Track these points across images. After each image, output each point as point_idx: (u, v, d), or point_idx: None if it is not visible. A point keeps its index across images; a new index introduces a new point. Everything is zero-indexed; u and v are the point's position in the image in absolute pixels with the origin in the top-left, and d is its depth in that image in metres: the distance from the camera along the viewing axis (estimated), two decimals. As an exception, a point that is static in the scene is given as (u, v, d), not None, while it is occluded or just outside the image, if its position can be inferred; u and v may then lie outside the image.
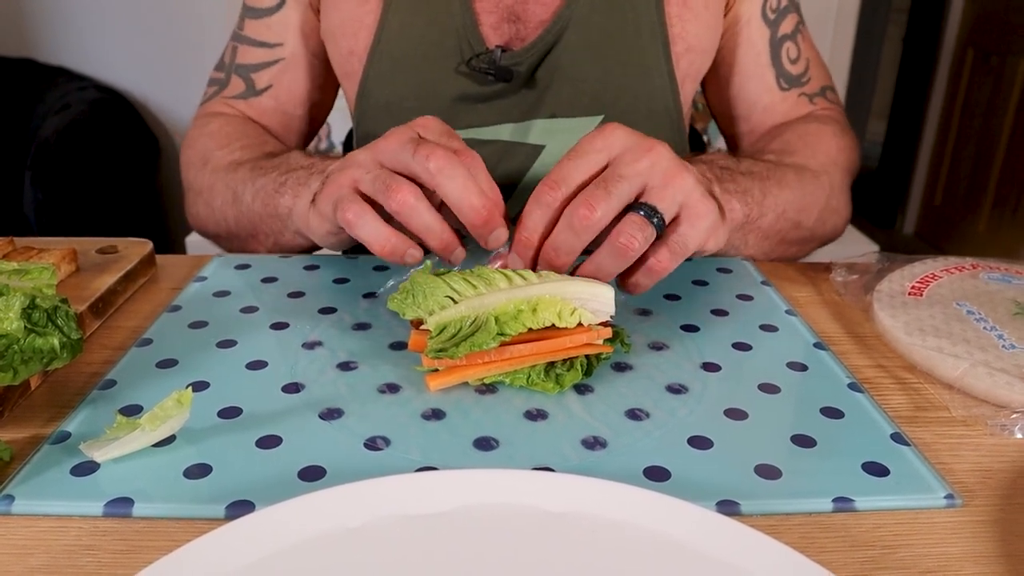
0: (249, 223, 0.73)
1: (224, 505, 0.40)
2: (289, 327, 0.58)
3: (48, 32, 2.32)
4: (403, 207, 0.53)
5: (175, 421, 0.44)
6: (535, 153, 0.79)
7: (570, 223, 0.51)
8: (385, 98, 0.79)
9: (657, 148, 0.53)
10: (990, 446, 0.46)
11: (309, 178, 0.66)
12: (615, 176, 0.52)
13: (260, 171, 0.72)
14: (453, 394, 0.50)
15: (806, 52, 0.84)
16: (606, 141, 0.53)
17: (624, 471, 0.43)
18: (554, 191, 0.53)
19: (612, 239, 0.51)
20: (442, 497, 0.38)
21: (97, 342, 0.57)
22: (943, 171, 3.10)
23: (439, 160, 0.53)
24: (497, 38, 0.76)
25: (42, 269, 0.52)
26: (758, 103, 0.84)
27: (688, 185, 0.53)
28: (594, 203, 0.51)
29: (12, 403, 0.48)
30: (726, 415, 0.48)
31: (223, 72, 0.86)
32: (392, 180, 0.54)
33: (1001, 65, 2.75)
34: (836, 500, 0.41)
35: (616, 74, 0.77)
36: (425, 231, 0.54)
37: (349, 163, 0.58)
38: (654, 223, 0.51)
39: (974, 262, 0.66)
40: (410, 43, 0.77)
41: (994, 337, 0.55)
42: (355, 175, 0.57)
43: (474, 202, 0.53)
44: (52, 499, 0.41)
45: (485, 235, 0.54)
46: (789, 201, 0.70)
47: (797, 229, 0.72)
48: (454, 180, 0.53)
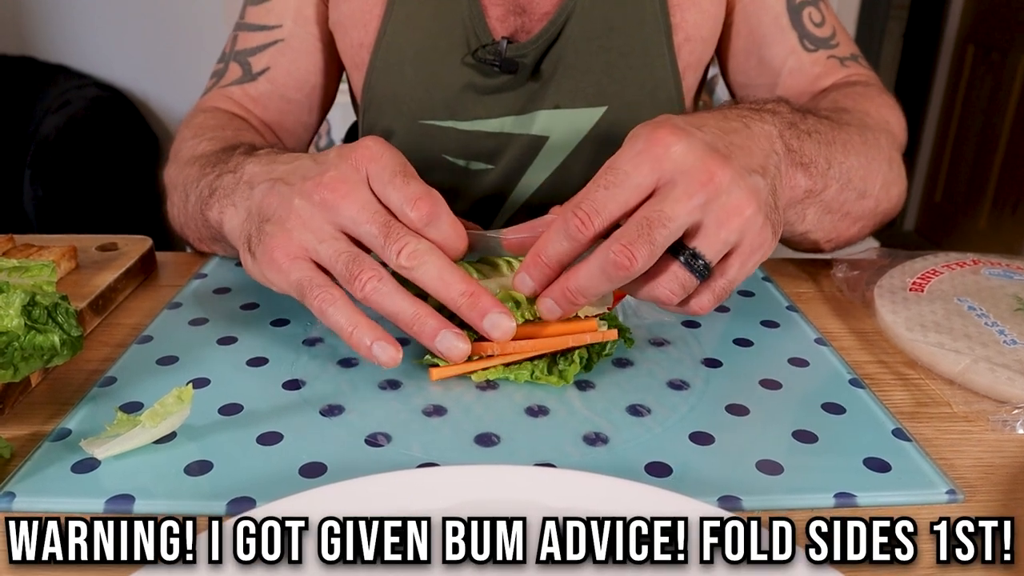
0: (195, 226, 0.66)
1: (225, 501, 0.40)
2: (289, 324, 0.58)
3: (48, 30, 2.31)
4: (369, 294, 0.47)
5: (176, 418, 0.44)
6: (538, 144, 0.80)
7: (603, 267, 0.44)
8: (392, 89, 0.79)
9: (717, 178, 0.44)
10: (991, 442, 0.46)
11: (234, 191, 0.56)
12: (662, 218, 0.44)
13: (205, 172, 0.63)
14: (454, 390, 0.50)
15: (831, 19, 0.80)
16: (654, 168, 0.45)
17: (625, 467, 0.43)
18: (586, 226, 0.45)
19: (648, 289, 0.46)
20: (443, 493, 0.38)
21: (97, 339, 0.57)
22: (943, 168, 3.10)
23: (410, 255, 0.47)
24: (503, 30, 0.76)
25: (42, 266, 0.52)
26: (783, 66, 0.79)
27: (746, 223, 0.45)
28: (634, 252, 0.43)
29: (13, 400, 0.48)
30: (727, 411, 0.48)
31: (223, 62, 0.84)
32: (355, 263, 0.47)
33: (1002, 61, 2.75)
34: (838, 495, 0.41)
35: (619, 65, 0.77)
36: (394, 316, 0.48)
37: (288, 217, 0.49)
38: (696, 274, 0.46)
39: (975, 258, 0.66)
40: (417, 35, 0.77)
41: (995, 333, 0.55)
42: (306, 243, 0.49)
43: (452, 289, 0.47)
44: (53, 496, 0.40)
45: (478, 320, 0.48)
46: (854, 168, 0.60)
47: (862, 200, 0.63)
48: (428, 272, 0.47)
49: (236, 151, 0.62)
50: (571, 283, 0.47)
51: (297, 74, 0.83)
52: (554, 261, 0.47)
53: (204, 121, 0.76)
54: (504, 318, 0.47)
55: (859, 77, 0.78)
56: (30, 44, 2.31)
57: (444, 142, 0.80)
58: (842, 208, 0.61)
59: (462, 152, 0.81)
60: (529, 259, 0.48)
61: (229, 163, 0.60)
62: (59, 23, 2.31)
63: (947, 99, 3.07)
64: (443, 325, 0.48)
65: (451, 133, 0.80)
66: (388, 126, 0.81)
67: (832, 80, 0.78)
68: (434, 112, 0.79)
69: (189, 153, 0.70)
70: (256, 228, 0.51)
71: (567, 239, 0.46)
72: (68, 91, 2.17)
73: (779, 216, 0.50)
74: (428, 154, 0.81)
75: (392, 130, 0.81)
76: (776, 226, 0.49)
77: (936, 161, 3.14)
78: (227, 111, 0.80)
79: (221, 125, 0.75)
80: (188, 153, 0.70)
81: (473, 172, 0.82)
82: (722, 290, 0.48)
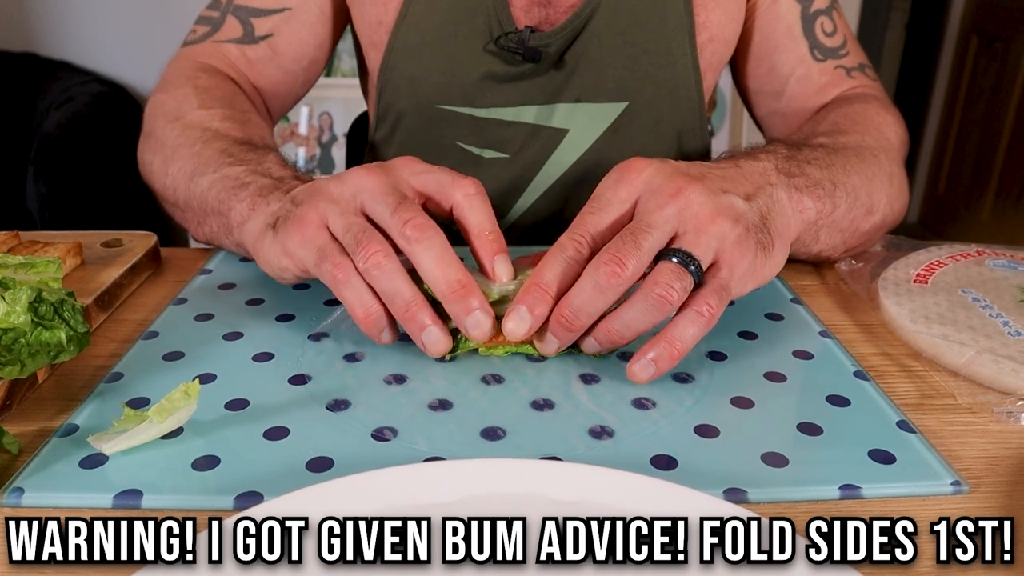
0: (199, 208, 0.65)
1: (233, 496, 0.40)
2: (295, 319, 0.58)
3: (50, 26, 2.31)
4: (372, 266, 0.48)
5: (183, 413, 0.44)
6: (558, 137, 0.79)
7: (595, 281, 0.46)
8: (410, 72, 0.78)
9: (685, 191, 0.48)
10: (996, 433, 0.46)
11: (271, 194, 0.57)
12: (643, 226, 0.47)
13: (228, 160, 0.63)
14: (460, 384, 0.50)
15: (842, 28, 0.81)
16: (630, 188, 0.49)
17: (631, 460, 0.43)
18: (580, 245, 0.48)
19: (646, 290, 0.46)
20: (450, 487, 0.38)
21: (103, 335, 0.57)
22: (946, 159, 3.09)
23: (416, 227, 0.48)
24: (527, 20, 0.76)
25: (48, 262, 0.52)
26: (791, 75, 0.80)
27: (724, 229, 0.47)
28: (623, 258, 0.45)
29: (20, 396, 0.49)
30: (732, 404, 0.48)
31: (217, 11, 0.81)
32: (364, 234, 0.48)
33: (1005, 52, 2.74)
34: (843, 487, 0.41)
35: (642, 61, 0.76)
36: (391, 297, 0.49)
37: (320, 194, 0.51)
38: (691, 270, 0.47)
39: (979, 249, 0.66)
40: (438, 18, 0.76)
41: (1000, 324, 0.55)
42: (326, 211, 0.50)
43: (450, 274, 0.48)
44: (61, 491, 0.41)
45: (462, 316, 0.48)
46: (858, 186, 0.62)
47: (870, 216, 0.65)
48: (430, 250, 0.48)
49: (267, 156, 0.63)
50: (565, 308, 0.48)
51: (299, 46, 0.81)
52: (551, 286, 0.48)
53: (210, 87, 0.74)
54: (487, 319, 0.48)
55: (863, 89, 0.79)
56: (32, 40, 2.31)
57: (459, 129, 0.80)
58: (852, 226, 0.63)
59: (476, 140, 0.81)
60: (524, 289, 0.48)
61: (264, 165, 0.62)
62: (61, 19, 2.31)
63: (950, 90, 3.06)
64: (435, 321, 0.49)
65: (466, 120, 0.79)
66: (403, 108, 0.81)
67: (837, 91, 0.79)
68: (451, 98, 0.78)
69: (201, 124, 0.69)
70: (286, 210, 0.53)
71: (563, 259, 0.48)
72: (71, 87, 2.17)
73: (768, 238, 0.51)
74: (442, 140, 0.81)
75: (407, 112, 0.81)
76: (765, 246, 0.50)
77: (939, 153, 3.13)
78: (225, 75, 0.79)
79: (229, 100, 0.73)
80: (199, 123, 0.69)
81: (488, 161, 0.81)
82: (723, 291, 0.47)
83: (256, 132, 0.70)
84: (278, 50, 0.81)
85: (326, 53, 0.85)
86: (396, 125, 0.83)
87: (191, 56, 0.80)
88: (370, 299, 0.49)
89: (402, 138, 0.83)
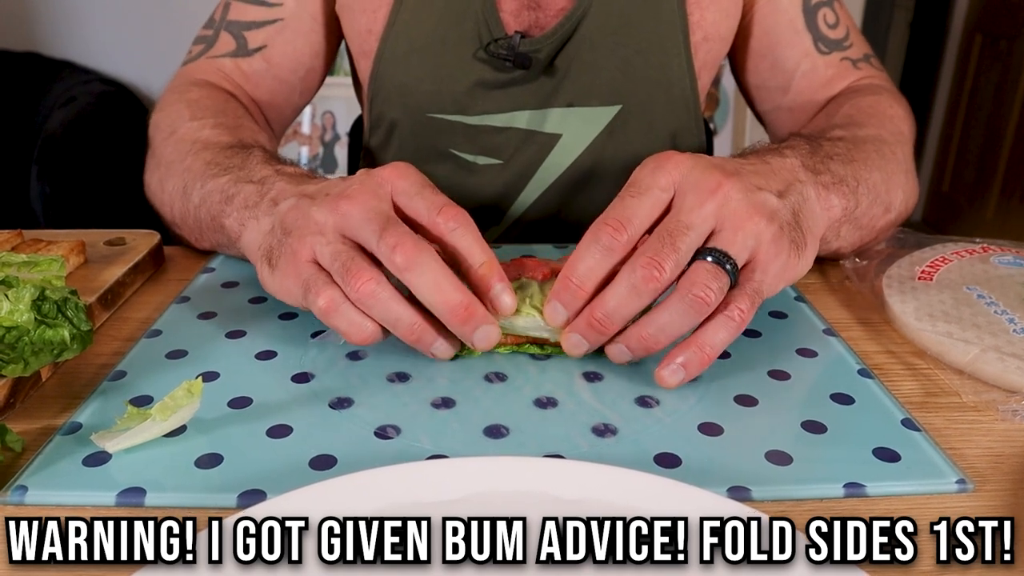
0: (194, 225, 0.65)
1: (236, 494, 0.40)
2: (298, 317, 0.58)
3: (53, 26, 2.32)
4: (364, 296, 0.46)
5: (186, 411, 0.44)
6: (552, 142, 0.79)
7: (632, 283, 0.45)
8: (400, 80, 0.78)
9: (724, 187, 0.47)
10: (1001, 431, 0.46)
11: (258, 205, 0.55)
12: (680, 227, 0.45)
13: (213, 171, 0.62)
14: (463, 382, 0.50)
15: (845, 19, 0.80)
16: (669, 177, 0.47)
17: (634, 458, 0.43)
18: (619, 233, 0.46)
19: (682, 291, 0.45)
20: (452, 485, 0.38)
21: (106, 333, 0.57)
22: (951, 157, 3.08)
23: (406, 254, 0.45)
24: (517, 25, 0.75)
25: (51, 261, 0.52)
26: (797, 69, 0.79)
27: (760, 228, 0.47)
28: (661, 261, 0.44)
29: (23, 395, 0.49)
30: (736, 402, 0.48)
31: (211, 29, 0.81)
32: (352, 263, 0.47)
33: (1010, 50, 2.73)
34: (847, 486, 0.41)
35: (635, 63, 0.76)
36: (393, 323, 0.48)
37: (307, 224, 0.49)
38: (727, 269, 0.45)
39: (984, 245, 0.66)
40: (427, 25, 0.76)
41: (1005, 321, 0.54)
42: (313, 246, 0.49)
43: (449, 299, 0.46)
44: (65, 489, 0.41)
45: (468, 335, 0.47)
46: (878, 183, 0.62)
47: (887, 213, 0.64)
48: (423, 276, 0.46)
49: (251, 155, 0.62)
50: (597, 310, 0.46)
51: (294, 56, 0.81)
52: (587, 282, 0.47)
53: (201, 99, 0.74)
54: (493, 330, 0.48)
55: (871, 80, 0.78)
56: (35, 40, 2.32)
57: (452, 136, 0.80)
58: (870, 223, 0.63)
59: (470, 147, 0.80)
60: (559, 284, 0.48)
61: (246, 169, 0.60)
62: (64, 19, 2.31)
63: (954, 88, 3.05)
64: (441, 334, 0.49)
65: (458, 127, 0.79)
66: (395, 118, 0.81)
67: (844, 83, 0.78)
68: (442, 106, 0.78)
69: (192, 135, 0.68)
70: (278, 241, 0.52)
71: (599, 251, 0.46)
72: (74, 87, 2.17)
73: (801, 236, 0.50)
74: (436, 148, 0.81)
75: (399, 122, 0.81)
76: (798, 245, 0.50)
77: (943, 151, 3.12)
78: (219, 87, 0.78)
79: (220, 108, 0.73)
80: (190, 135, 0.68)
81: (481, 167, 0.81)
82: (756, 294, 0.47)
83: (248, 135, 0.69)
84: (273, 61, 0.81)
85: (323, 62, 0.85)
86: (390, 133, 0.83)
87: (187, 75, 0.80)
88: (361, 319, 0.48)
89: (397, 145, 0.83)
